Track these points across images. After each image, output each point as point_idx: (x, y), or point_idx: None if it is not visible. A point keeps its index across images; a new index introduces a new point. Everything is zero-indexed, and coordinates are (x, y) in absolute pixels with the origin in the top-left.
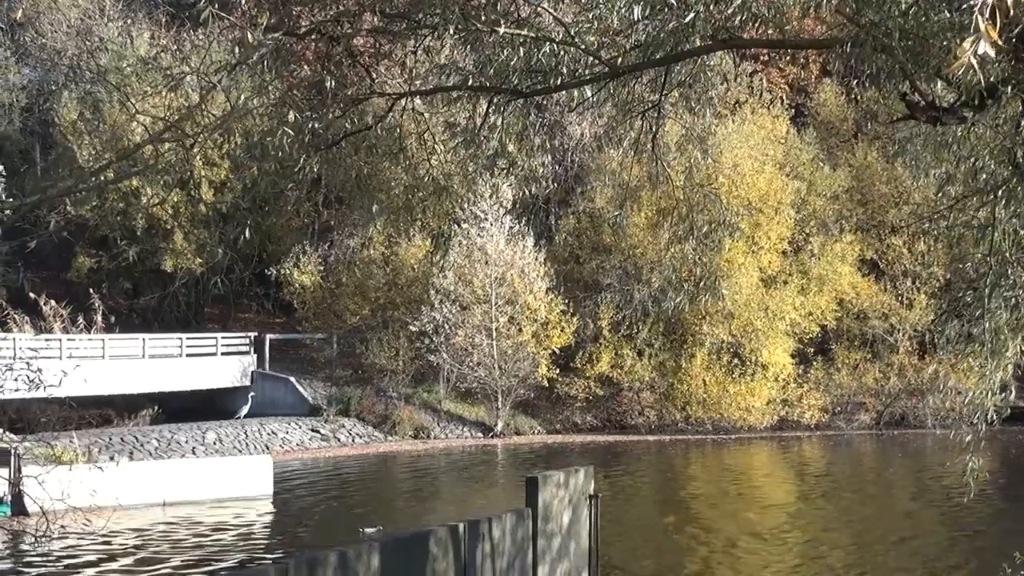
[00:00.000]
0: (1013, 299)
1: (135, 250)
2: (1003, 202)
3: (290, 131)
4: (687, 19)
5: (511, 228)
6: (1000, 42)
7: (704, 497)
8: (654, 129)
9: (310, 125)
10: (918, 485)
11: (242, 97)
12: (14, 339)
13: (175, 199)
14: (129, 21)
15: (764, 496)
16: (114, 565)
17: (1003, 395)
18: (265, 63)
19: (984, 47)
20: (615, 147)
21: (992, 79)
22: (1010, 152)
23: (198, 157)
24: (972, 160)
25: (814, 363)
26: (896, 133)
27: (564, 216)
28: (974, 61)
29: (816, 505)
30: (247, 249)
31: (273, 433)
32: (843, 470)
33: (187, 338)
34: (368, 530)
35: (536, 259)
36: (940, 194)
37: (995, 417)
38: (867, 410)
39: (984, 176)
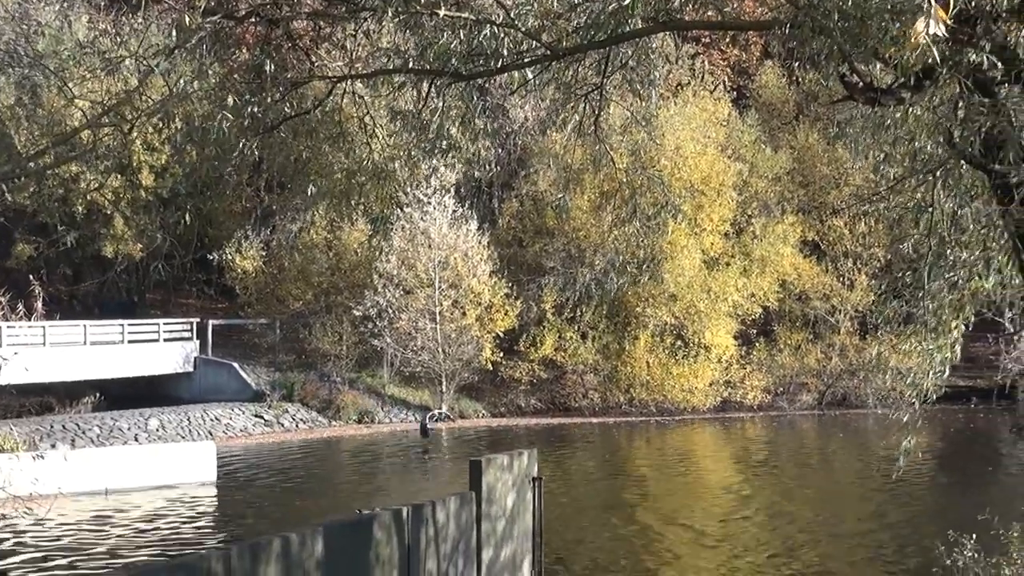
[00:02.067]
0: (953, 279)
1: (74, 236)
2: (941, 183)
3: (229, 115)
4: (627, 0)
5: (454, 212)
6: (948, 21)
7: (647, 479)
8: (597, 112)
9: (249, 109)
10: (857, 464)
11: (181, 81)
12: None
13: (115, 184)
14: (67, 5)
15: (706, 477)
16: (56, 554)
17: (940, 374)
18: (204, 47)
19: (935, 27)
20: (558, 130)
21: (930, 60)
22: (947, 133)
23: (138, 142)
24: (910, 141)
25: (756, 344)
26: (837, 115)
27: (507, 199)
28: (927, 40)
29: (756, 485)
30: (187, 235)
31: (216, 419)
32: (784, 450)
33: (129, 324)
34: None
35: (479, 242)
36: (879, 175)
37: (932, 396)
38: (809, 390)
39: (922, 157)
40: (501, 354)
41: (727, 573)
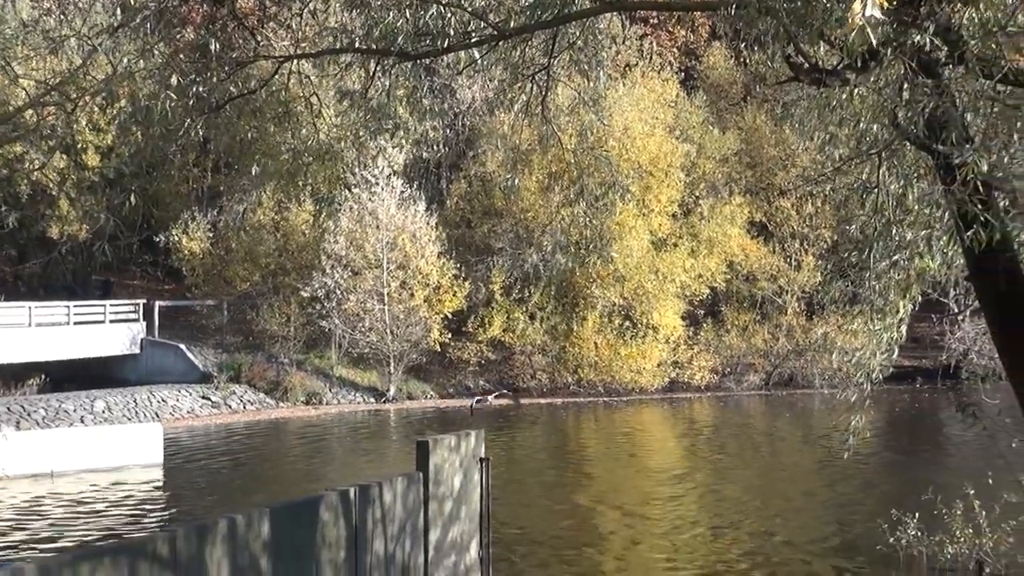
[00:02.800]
0: (898, 259)
1: (17, 216)
2: (886, 163)
3: (174, 95)
4: None
5: (402, 192)
6: (886, 3)
7: (594, 459)
8: (544, 92)
9: (194, 89)
10: (803, 444)
11: (125, 60)
12: None
13: (60, 165)
14: None
15: (652, 457)
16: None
17: (888, 354)
18: (148, 25)
19: (871, 9)
20: (506, 111)
21: (874, 42)
22: (892, 114)
23: (83, 122)
24: (856, 122)
25: (704, 325)
26: (783, 96)
27: (455, 180)
28: (864, 22)
29: (702, 465)
30: (133, 215)
31: (163, 401)
32: (731, 430)
33: (74, 306)
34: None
35: (428, 223)
36: (825, 156)
37: (879, 376)
38: (756, 371)
39: (868, 138)
40: (449, 335)
41: (671, 551)
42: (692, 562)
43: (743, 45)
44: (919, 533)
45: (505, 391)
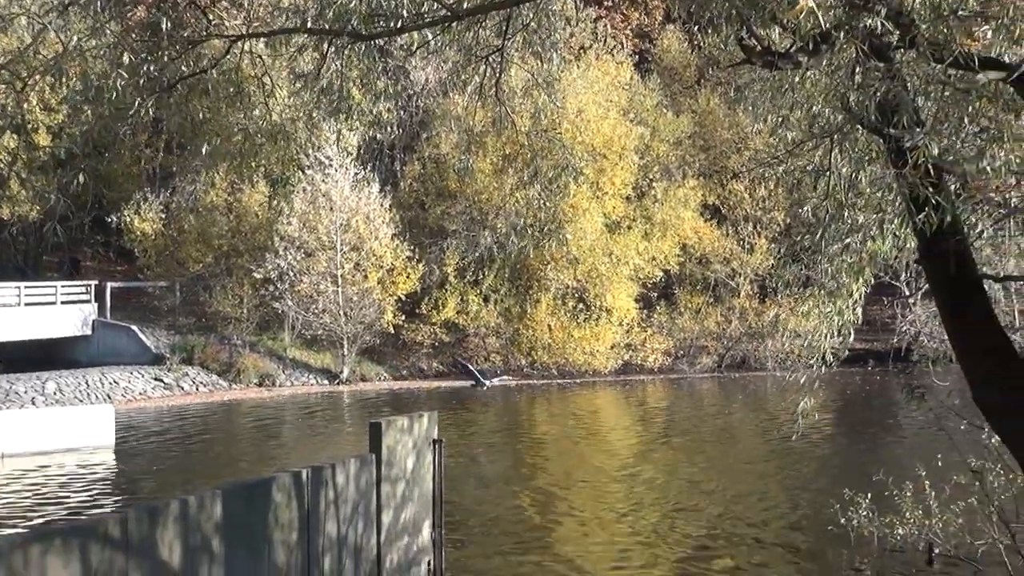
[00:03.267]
0: (850, 242)
1: None
2: (838, 147)
3: (124, 74)
4: None
5: (356, 174)
6: None
7: (547, 441)
8: (498, 74)
9: (145, 68)
10: (754, 426)
11: (75, 39)
12: None
13: (11, 145)
14: None
15: (605, 439)
16: None
17: (844, 337)
18: (99, 3)
19: None
20: (460, 92)
21: (827, 25)
22: (844, 98)
23: (34, 101)
24: (808, 105)
25: (657, 307)
26: (737, 79)
27: (409, 162)
28: (813, 5)
29: (654, 448)
30: (84, 196)
31: (115, 382)
32: (683, 412)
33: (26, 287)
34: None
35: (381, 205)
36: (777, 139)
37: (832, 359)
38: (709, 353)
39: (820, 121)
40: (403, 317)
41: (622, 534)
42: (643, 543)
43: (696, 28)
44: (870, 514)
45: (506, 376)
